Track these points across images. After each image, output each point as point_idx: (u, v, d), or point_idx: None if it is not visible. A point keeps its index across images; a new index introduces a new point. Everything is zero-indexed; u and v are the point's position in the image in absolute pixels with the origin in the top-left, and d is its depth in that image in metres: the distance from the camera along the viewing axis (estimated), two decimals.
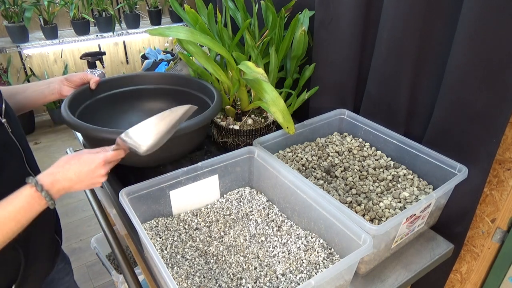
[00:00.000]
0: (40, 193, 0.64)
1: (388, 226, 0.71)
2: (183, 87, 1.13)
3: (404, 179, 0.94)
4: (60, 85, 0.99)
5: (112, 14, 3.01)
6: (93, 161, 0.68)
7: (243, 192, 0.96)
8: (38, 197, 0.64)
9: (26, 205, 0.64)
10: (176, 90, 1.14)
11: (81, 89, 1.02)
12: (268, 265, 0.76)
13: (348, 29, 1.04)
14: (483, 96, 0.80)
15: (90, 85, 1.03)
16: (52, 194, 0.65)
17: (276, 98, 0.90)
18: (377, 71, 1.02)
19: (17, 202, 0.63)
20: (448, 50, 0.84)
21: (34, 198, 0.64)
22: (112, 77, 1.12)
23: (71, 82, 1.00)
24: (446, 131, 0.90)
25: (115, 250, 0.98)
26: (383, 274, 0.82)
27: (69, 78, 1.00)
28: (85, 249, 2.05)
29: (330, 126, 1.14)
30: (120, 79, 1.13)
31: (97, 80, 1.03)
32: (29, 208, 0.64)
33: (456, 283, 1.08)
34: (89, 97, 1.04)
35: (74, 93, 0.99)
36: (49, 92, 0.98)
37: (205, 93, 1.07)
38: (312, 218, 0.81)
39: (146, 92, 1.15)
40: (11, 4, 2.68)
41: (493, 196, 0.91)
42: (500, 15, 0.72)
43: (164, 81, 1.15)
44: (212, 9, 1.10)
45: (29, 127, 3.18)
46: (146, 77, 1.15)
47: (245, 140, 1.11)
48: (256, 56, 1.06)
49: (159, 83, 1.15)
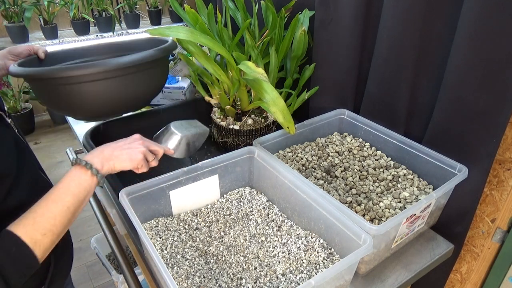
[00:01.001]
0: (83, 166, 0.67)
1: (388, 226, 0.71)
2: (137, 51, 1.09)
3: (404, 179, 0.94)
4: (4, 60, 0.91)
5: (112, 14, 3.01)
6: (129, 138, 0.75)
7: (243, 192, 0.96)
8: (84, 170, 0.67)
9: (76, 178, 0.66)
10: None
11: (28, 59, 0.94)
12: (268, 265, 0.76)
13: (348, 29, 1.04)
14: (483, 96, 0.80)
15: (39, 55, 0.96)
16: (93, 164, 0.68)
17: (276, 98, 0.90)
18: (377, 71, 1.02)
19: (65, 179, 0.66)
20: (448, 50, 0.84)
21: (78, 171, 0.67)
22: (62, 49, 1.05)
23: (17, 55, 0.93)
24: (446, 131, 0.90)
25: (115, 250, 0.98)
26: (383, 274, 0.82)
27: (13, 50, 0.93)
28: (85, 249, 2.05)
29: (330, 126, 1.14)
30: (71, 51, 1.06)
31: (45, 50, 0.97)
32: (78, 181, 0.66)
33: (456, 283, 1.08)
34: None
35: (20, 62, 0.91)
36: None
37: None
38: (312, 218, 0.81)
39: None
40: (11, 4, 2.68)
41: (493, 196, 0.91)
42: (500, 15, 0.72)
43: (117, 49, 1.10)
44: (212, 9, 1.10)
45: (29, 127, 3.18)
46: (98, 48, 1.09)
47: (245, 140, 1.11)
48: (256, 56, 1.06)
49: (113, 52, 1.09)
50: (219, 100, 1.12)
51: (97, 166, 0.68)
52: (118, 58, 0.83)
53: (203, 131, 0.90)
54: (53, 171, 2.71)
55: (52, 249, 0.67)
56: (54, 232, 0.63)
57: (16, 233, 0.59)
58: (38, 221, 0.61)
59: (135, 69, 0.86)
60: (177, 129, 0.84)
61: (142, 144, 0.74)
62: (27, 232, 0.60)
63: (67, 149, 1.33)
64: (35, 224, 0.61)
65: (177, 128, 0.85)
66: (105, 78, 0.83)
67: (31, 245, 0.60)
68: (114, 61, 0.82)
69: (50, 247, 0.64)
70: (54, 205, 0.63)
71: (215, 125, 1.15)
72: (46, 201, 0.63)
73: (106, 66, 0.81)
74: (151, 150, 0.77)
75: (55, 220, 0.62)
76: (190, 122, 0.91)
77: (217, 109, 1.18)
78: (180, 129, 0.85)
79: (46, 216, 0.62)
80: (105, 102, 0.88)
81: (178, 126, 0.86)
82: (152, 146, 0.77)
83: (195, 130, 0.88)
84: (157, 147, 0.78)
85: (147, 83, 0.93)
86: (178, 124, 0.86)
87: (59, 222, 0.63)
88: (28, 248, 0.59)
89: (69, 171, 0.67)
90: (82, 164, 0.67)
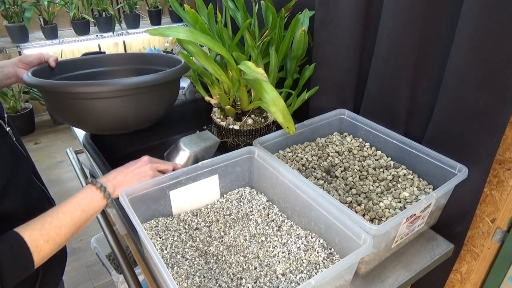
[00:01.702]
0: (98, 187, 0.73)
1: (388, 226, 0.71)
2: (147, 65, 1.09)
3: (404, 179, 0.94)
4: (15, 68, 0.93)
5: (112, 14, 3.01)
6: (138, 161, 0.81)
7: (243, 192, 0.96)
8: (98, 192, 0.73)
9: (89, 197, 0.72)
10: (141, 69, 1.10)
11: (40, 67, 0.95)
12: (268, 265, 0.76)
13: (348, 29, 1.04)
14: (483, 96, 0.80)
15: (49, 64, 0.97)
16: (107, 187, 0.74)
17: (276, 98, 0.90)
18: (377, 71, 1.02)
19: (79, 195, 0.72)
20: (448, 50, 0.84)
21: (92, 191, 0.72)
22: (72, 59, 1.06)
23: (27, 64, 0.94)
24: (446, 131, 0.90)
25: (115, 250, 0.98)
26: (383, 274, 0.82)
27: (24, 59, 0.94)
28: (85, 249, 2.05)
29: (330, 126, 1.14)
30: (82, 61, 1.07)
31: (56, 58, 0.98)
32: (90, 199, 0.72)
33: (456, 283, 1.08)
34: (47, 77, 0.96)
35: (33, 70, 0.92)
36: (4, 77, 0.92)
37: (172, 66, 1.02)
38: (312, 218, 0.81)
39: (111, 74, 1.10)
40: (11, 4, 2.69)
41: (493, 196, 0.91)
42: (500, 15, 0.72)
43: (128, 61, 1.11)
44: (212, 9, 1.10)
45: (29, 127, 3.18)
46: (111, 59, 1.10)
47: (245, 140, 1.11)
48: (256, 56, 1.06)
49: (123, 64, 1.10)
50: (219, 100, 1.12)
51: (110, 190, 0.74)
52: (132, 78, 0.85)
53: (212, 143, 0.93)
54: (53, 171, 2.72)
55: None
56: (56, 241, 0.66)
57: (21, 234, 0.62)
58: (45, 227, 0.64)
59: (148, 90, 0.87)
60: (186, 145, 0.89)
61: (151, 168, 0.80)
62: (32, 236, 0.63)
63: (67, 149, 1.33)
64: (41, 230, 0.64)
65: (186, 145, 0.89)
66: (118, 96, 0.85)
67: (32, 248, 0.62)
68: (128, 81, 0.84)
69: (48, 255, 0.66)
70: (63, 216, 0.67)
71: (215, 125, 1.15)
72: (57, 212, 0.67)
73: (120, 85, 0.83)
74: (160, 170, 0.82)
75: (60, 230, 0.66)
76: (200, 135, 0.93)
77: (217, 109, 1.18)
78: (189, 145, 0.89)
79: (53, 225, 0.65)
80: (116, 118, 0.89)
81: (187, 142, 0.90)
82: (160, 166, 0.82)
83: (204, 144, 0.91)
84: (166, 166, 0.83)
85: (158, 101, 0.96)
86: (187, 140, 0.90)
87: (63, 233, 0.67)
88: (28, 250, 0.62)
89: (84, 189, 0.73)
90: (97, 186, 0.73)
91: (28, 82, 0.84)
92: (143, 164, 0.80)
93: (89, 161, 1.17)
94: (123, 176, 0.77)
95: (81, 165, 1.24)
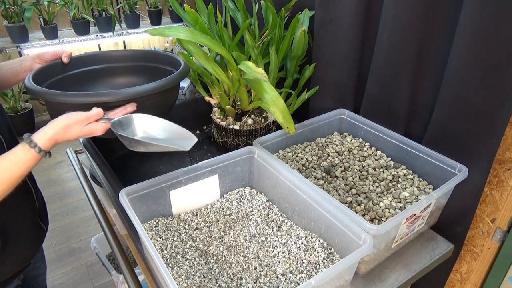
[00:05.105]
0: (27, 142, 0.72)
1: (388, 226, 0.71)
2: (153, 62, 1.10)
3: (404, 179, 0.94)
4: (31, 63, 0.96)
5: (112, 14, 3.01)
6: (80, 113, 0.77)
7: (243, 192, 0.96)
8: (27, 148, 0.72)
9: (20, 153, 0.72)
10: (147, 66, 1.11)
11: (51, 63, 0.97)
12: (268, 265, 0.76)
13: (348, 29, 1.04)
14: (483, 96, 0.80)
15: (62, 59, 0.99)
16: (38, 143, 0.73)
17: (276, 98, 0.90)
18: (377, 71, 1.02)
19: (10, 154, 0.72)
20: (448, 50, 0.84)
21: (23, 145, 0.72)
22: (85, 54, 1.08)
23: (43, 59, 0.97)
24: (446, 131, 0.90)
25: (115, 250, 0.98)
26: (383, 274, 0.82)
27: (41, 55, 0.97)
28: (85, 249, 2.05)
29: (330, 126, 1.14)
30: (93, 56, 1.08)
31: (69, 54, 1.00)
32: (22, 157, 0.72)
33: (456, 283, 1.08)
34: (59, 72, 0.99)
35: (42, 66, 0.95)
36: (21, 69, 0.95)
37: (174, 67, 1.03)
38: (312, 218, 0.81)
39: (118, 70, 1.11)
40: (11, 4, 2.68)
41: (493, 196, 0.91)
42: (500, 15, 0.72)
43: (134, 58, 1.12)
44: (212, 9, 1.10)
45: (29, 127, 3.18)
46: (118, 55, 1.11)
47: (245, 140, 1.11)
48: (256, 56, 1.06)
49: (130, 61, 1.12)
50: (219, 100, 1.12)
51: (41, 145, 0.73)
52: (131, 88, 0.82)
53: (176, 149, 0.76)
54: (53, 171, 2.72)
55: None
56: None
57: None
58: None
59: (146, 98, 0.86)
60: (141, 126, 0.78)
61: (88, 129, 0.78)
62: None
63: (67, 149, 1.33)
64: None
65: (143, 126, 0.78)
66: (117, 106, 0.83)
67: None
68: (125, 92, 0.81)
69: None
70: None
71: (215, 125, 1.15)
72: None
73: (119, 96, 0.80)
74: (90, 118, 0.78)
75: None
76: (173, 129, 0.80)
77: (217, 109, 1.18)
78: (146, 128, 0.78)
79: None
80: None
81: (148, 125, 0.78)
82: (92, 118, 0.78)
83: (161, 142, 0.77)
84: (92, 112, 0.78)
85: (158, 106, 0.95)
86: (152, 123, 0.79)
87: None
88: None
89: (15, 147, 0.73)
90: (30, 145, 0.73)
91: (27, 87, 0.85)
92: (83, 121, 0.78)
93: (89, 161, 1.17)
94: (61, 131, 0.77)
95: (81, 165, 1.24)
